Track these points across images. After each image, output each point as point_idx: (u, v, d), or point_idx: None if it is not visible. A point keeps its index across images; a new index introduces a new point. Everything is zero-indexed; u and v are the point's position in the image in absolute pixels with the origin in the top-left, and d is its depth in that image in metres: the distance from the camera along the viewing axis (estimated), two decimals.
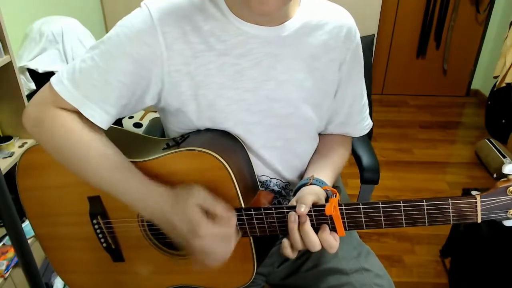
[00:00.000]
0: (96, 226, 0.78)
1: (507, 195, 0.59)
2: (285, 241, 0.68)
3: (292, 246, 0.67)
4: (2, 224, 1.22)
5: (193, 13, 0.69)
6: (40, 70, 1.70)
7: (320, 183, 0.73)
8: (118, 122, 2.21)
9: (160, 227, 0.66)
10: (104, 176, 0.67)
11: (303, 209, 0.64)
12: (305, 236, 0.65)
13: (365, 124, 0.89)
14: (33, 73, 1.71)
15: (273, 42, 0.71)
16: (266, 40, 0.71)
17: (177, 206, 0.63)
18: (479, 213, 0.60)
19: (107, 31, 0.70)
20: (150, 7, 0.67)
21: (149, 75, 0.69)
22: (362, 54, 0.81)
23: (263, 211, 0.67)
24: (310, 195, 0.67)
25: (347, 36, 0.76)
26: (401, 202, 0.62)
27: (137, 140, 0.82)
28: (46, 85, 0.70)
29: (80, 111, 0.67)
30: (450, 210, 0.61)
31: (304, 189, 0.72)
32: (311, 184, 0.72)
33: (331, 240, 0.65)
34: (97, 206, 0.76)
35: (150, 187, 0.66)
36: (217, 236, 0.62)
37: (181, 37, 0.68)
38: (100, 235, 0.79)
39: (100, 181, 0.68)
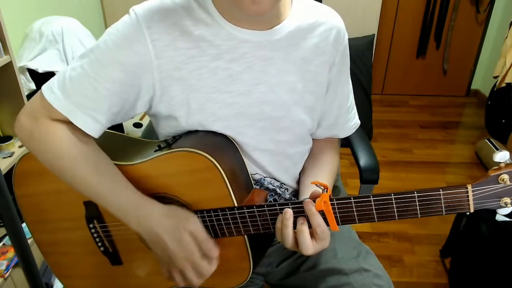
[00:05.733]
0: (93, 230, 0.78)
1: (499, 183, 0.58)
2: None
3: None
4: (2, 224, 1.22)
5: (182, 18, 0.68)
6: (40, 70, 1.70)
7: None
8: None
9: (145, 237, 0.68)
10: (94, 190, 0.69)
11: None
12: (300, 236, 0.65)
13: (352, 124, 0.89)
14: (33, 73, 1.71)
15: (265, 46, 0.71)
16: (258, 44, 0.70)
17: (170, 224, 0.66)
18: (471, 202, 0.60)
19: None
20: (138, 15, 0.67)
21: (139, 82, 0.69)
22: (349, 54, 0.82)
23: (255, 209, 0.67)
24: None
25: (336, 39, 0.77)
26: (392, 194, 0.62)
27: (129, 143, 0.82)
28: (38, 93, 0.70)
29: (71, 120, 0.67)
30: (442, 201, 0.60)
31: None
32: None
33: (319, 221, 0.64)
34: (93, 210, 0.76)
35: (140, 201, 0.67)
36: (198, 267, 0.66)
37: (170, 44, 0.68)
38: (97, 239, 0.79)
39: (91, 196, 0.70)
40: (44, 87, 0.69)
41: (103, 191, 0.68)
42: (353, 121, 0.90)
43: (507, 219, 1.35)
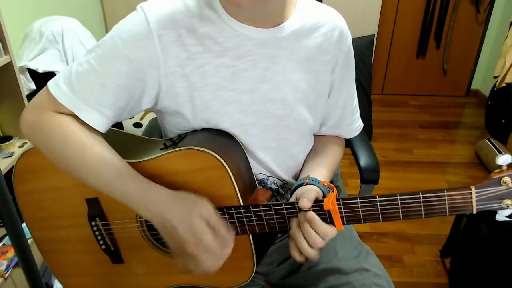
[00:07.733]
0: (95, 228, 0.78)
1: (501, 185, 0.60)
2: (292, 244, 0.68)
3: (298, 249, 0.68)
4: (2, 224, 1.22)
5: (188, 15, 0.69)
6: (40, 70, 1.70)
7: (315, 182, 0.74)
8: (119, 122, 2.21)
9: (155, 225, 0.66)
10: (101, 179, 0.67)
11: (305, 202, 0.65)
12: (307, 235, 0.65)
13: (356, 125, 0.90)
14: (33, 73, 1.71)
15: (269, 44, 0.71)
16: (262, 41, 0.71)
17: (180, 210, 0.63)
18: (474, 204, 0.61)
19: (107, 31, 0.70)
20: (145, 10, 0.67)
21: (145, 77, 0.69)
22: (353, 56, 0.82)
23: (261, 208, 0.67)
24: (311, 191, 0.68)
25: (339, 39, 0.77)
26: (398, 195, 0.63)
27: (135, 141, 0.82)
28: (43, 89, 0.70)
29: (77, 114, 0.67)
30: (446, 202, 0.61)
31: (301, 188, 0.72)
32: (307, 184, 0.73)
33: (324, 228, 0.65)
34: (96, 208, 0.76)
35: (149, 186, 0.66)
36: (213, 251, 0.64)
37: (176, 40, 0.68)
38: (99, 237, 0.79)
39: (98, 184, 0.68)
40: (50, 82, 0.69)
41: (110, 178, 0.67)
42: (358, 123, 0.90)
43: (507, 219, 1.35)
